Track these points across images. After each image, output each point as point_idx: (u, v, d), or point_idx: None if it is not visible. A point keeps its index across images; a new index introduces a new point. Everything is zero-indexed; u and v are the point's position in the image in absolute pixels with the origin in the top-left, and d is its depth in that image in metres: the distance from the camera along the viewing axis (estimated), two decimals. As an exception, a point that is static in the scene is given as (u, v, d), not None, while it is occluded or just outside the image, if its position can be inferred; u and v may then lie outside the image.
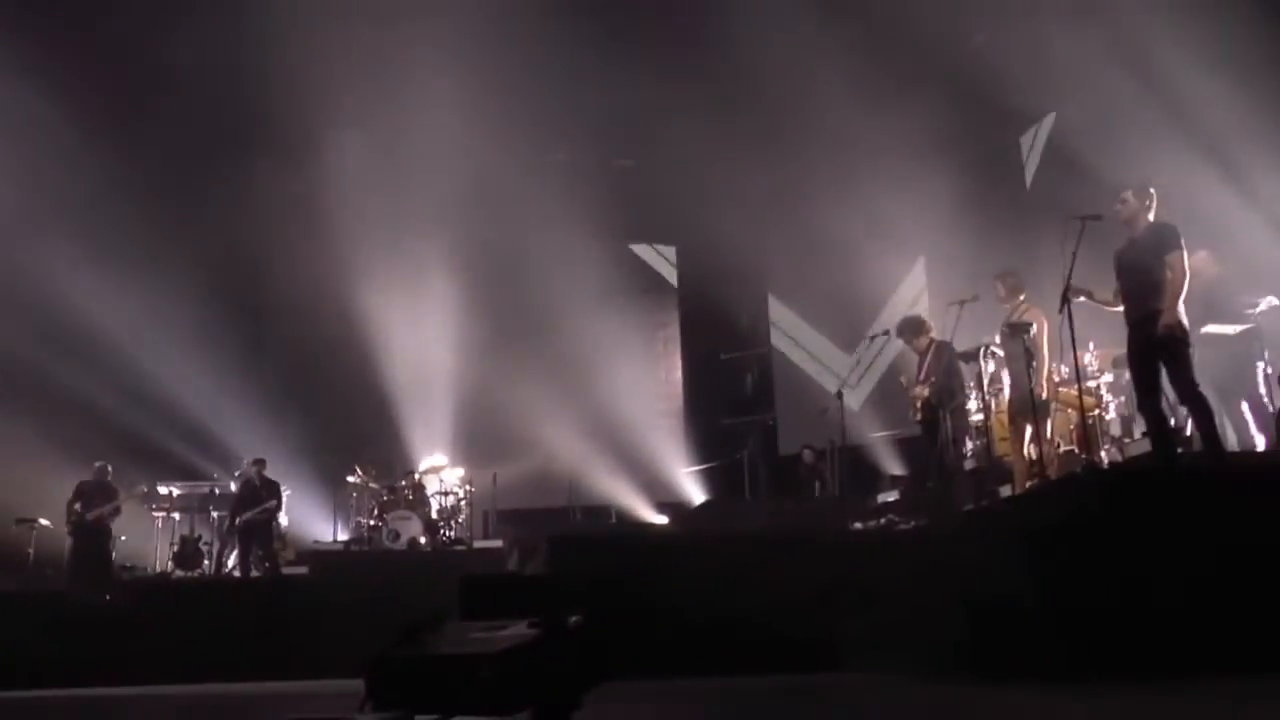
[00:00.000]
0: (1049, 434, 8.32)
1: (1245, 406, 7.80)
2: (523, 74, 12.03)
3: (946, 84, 12.15)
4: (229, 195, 14.11)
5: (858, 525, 10.30)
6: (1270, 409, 7.65)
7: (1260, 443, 7.67)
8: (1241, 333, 7.82)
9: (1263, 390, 7.77)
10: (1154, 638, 5.27)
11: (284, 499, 12.84)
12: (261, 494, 12.24)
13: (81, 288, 12.99)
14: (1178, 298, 6.60)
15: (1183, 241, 6.71)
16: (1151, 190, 6.99)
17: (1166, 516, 5.64)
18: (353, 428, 14.58)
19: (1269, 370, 7.75)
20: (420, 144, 13.94)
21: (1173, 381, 6.71)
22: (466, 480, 13.58)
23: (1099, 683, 5.03)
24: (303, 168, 13.83)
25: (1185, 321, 6.64)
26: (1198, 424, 6.70)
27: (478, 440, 14.40)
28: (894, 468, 13.33)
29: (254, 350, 14.65)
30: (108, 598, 11.06)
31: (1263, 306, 7.81)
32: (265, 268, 14.54)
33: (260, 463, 12.46)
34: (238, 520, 12.16)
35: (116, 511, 12.06)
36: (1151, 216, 6.93)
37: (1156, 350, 6.70)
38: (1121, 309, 7.06)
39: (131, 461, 12.49)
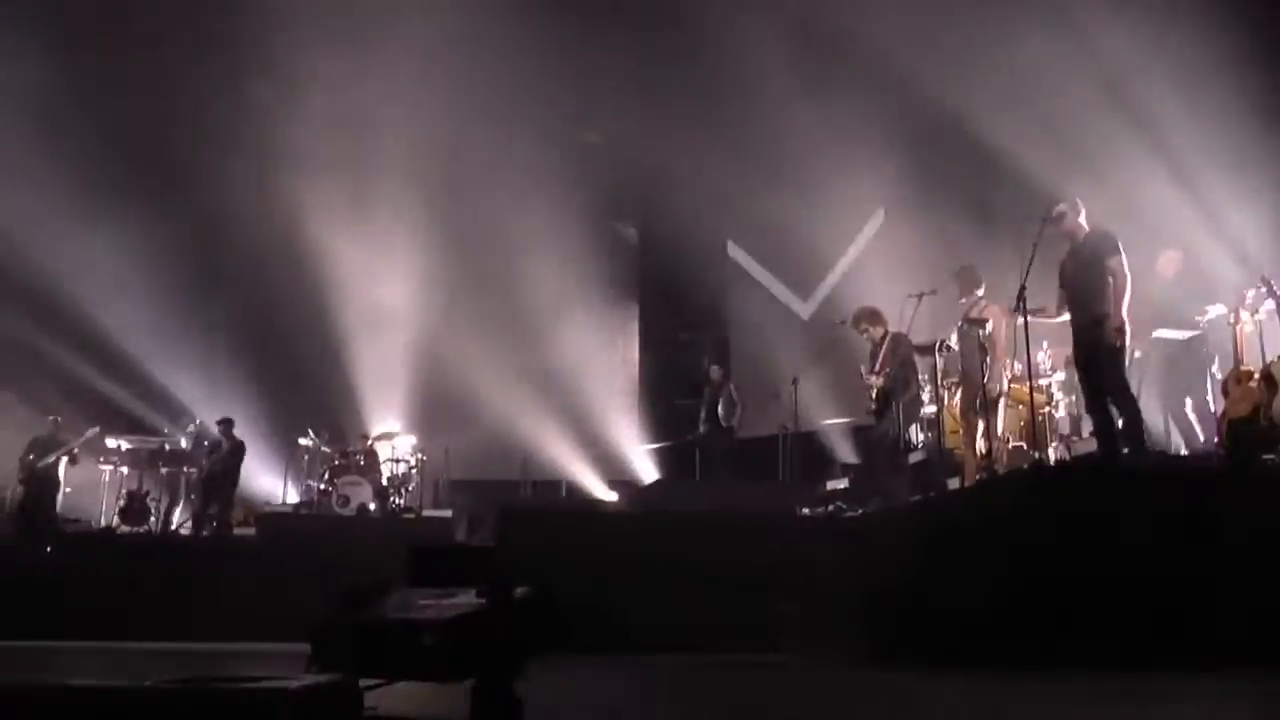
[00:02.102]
0: (999, 429, 8.43)
1: (1190, 409, 7.98)
2: (496, 35, 11.92)
3: (904, 74, 12.15)
4: (188, 144, 13.84)
5: (805, 511, 10.38)
6: (1214, 414, 7.82)
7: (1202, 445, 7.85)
8: (1190, 339, 8.00)
9: (1209, 396, 7.95)
10: (1091, 631, 5.39)
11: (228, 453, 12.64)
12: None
13: (35, 237, 12.74)
14: (1122, 302, 6.77)
15: (1121, 246, 6.88)
16: (1078, 200, 7.16)
17: (1109, 515, 5.76)
18: (307, 390, 14.45)
19: (1218, 375, 7.92)
20: (385, 106, 13.77)
21: (1105, 377, 6.87)
22: (419, 448, 13.53)
23: (1033, 672, 5.13)
24: (264, 118, 13.59)
25: (1128, 326, 6.82)
26: (1125, 417, 6.88)
27: (432, 409, 14.32)
28: (846, 455, 13.39)
29: (211, 308, 14.45)
30: (49, 550, 10.93)
31: (1211, 315, 7.96)
32: (224, 222, 14.32)
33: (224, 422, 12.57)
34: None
35: (73, 459, 12.01)
36: (1085, 224, 7.10)
37: (1097, 352, 6.85)
38: (1063, 319, 7.23)
39: (81, 412, 12.31)
